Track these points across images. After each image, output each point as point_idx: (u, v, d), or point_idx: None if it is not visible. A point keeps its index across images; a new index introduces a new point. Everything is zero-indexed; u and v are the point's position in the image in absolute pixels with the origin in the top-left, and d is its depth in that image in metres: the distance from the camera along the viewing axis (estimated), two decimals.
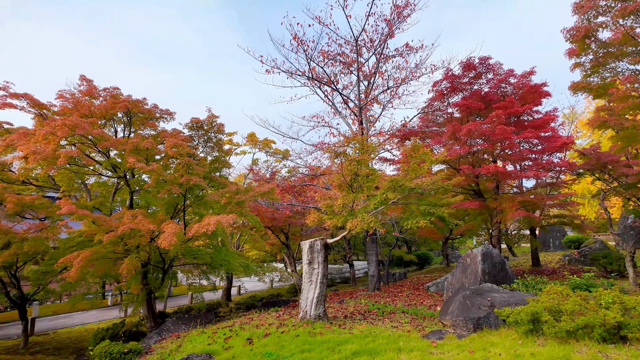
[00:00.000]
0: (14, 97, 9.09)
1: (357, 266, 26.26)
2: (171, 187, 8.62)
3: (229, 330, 7.36)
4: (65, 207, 7.52)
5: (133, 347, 7.45)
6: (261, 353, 5.74)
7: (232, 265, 10.40)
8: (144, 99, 10.47)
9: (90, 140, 8.62)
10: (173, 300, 20.74)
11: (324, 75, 13.62)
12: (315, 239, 7.94)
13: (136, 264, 8.23)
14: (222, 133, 11.42)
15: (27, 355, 10.80)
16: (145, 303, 10.46)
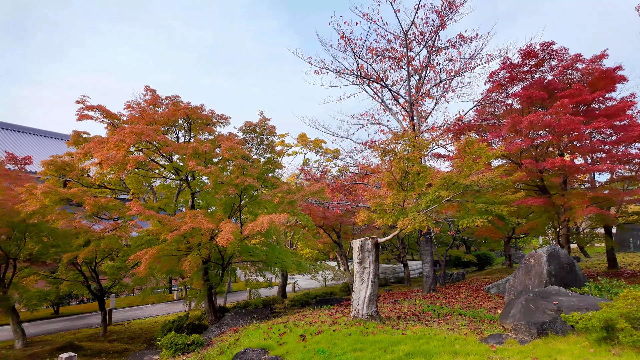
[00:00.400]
0: (89, 109, 10.12)
1: (411, 266, 25.66)
2: (228, 188, 9.06)
3: (283, 327, 7.58)
4: (134, 208, 8.21)
5: (195, 339, 7.95)
6: (314, 350, 5.84)
7: (286, 262, 10.68)
8: (201, 106, 11.10)
9: (155, 145, 9.32)
10: (233, 296, 21.74)
11: (373, 72, 13.48)
12: (365, 237, 7.90)
13: (197, 261, 8.76)
14: (274, 135, 11.77)
15: (105, 343, 11.93)
16: (207, 298, 11.09)
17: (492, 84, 13.70)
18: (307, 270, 11.52)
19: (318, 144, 19.57)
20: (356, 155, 14.61)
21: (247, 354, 5.85)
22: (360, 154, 14.04)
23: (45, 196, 8.80)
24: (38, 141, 28.42)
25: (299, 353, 5.81)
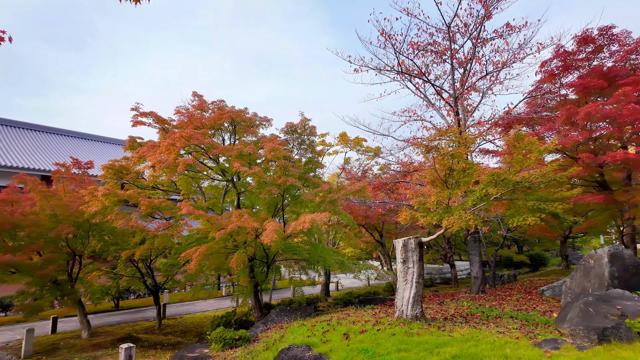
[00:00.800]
0: (143, 115, 10.80)
1: (458, 266, 24.81)
2: (271, 188, 9.29)
3: (326, 324, 7.64)
4: (185, 208, 8.65)
5: (243, 334, 8.23)
6: (357, 349, 5.84)
7: (328, 261, 10.75)
8: (245, 109, 11.46)
9: (203, 148, 9.76)
10: (277, 293, 22.23)
11: (414, 68, 13.19)
12: (408, 237, 7.76)
13: (244, 259, 9.05)
14: (315, 135, 11.89)
15: (160, 336, 12.66)
16: (253, 294, 11.44)
17: (544, 74, 12.91)
18: (349, 269, 11.52)
19: (358, 143, 19.48)
20: (398, 153, 14.40)
21: (292, 351, 5.97)
22: (402, 151, 13.82)
23: (106, 198, 9.52)
24: (97, 147, 30.73)
25: (342, 351, 5.83)
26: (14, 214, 10.47)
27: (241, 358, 7.11)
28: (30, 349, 9.92)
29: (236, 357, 7.24)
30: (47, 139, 27.97)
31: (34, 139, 26.81)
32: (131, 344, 6.84)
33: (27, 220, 10.41)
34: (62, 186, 11.71)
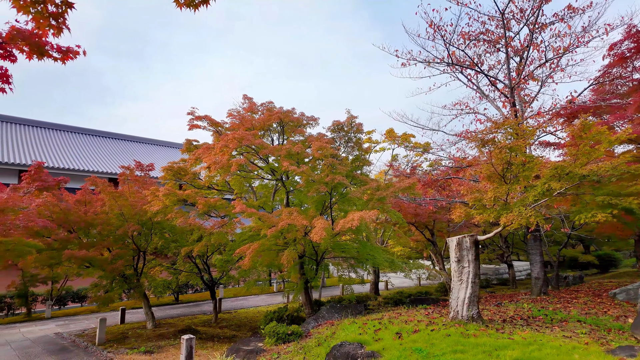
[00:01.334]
0: (198, 119, 11.38)
1: (517, 267, 23.44)
2: (319, 187, 9.38)
3: (378, 323, 7.58)
4: (238, 207, 8.99)
5: (295, 329, 8.40)
6: (411, 348, 5.73)
7: (378, 259, 10.64)
8: (292, 109, 11.68)
9: (253, 149, 10.09)
10: (326, 291, 22.41)
11: (466, 59, 12.64)
12: (463, 235, 7.47)
13: (294, 256, 9.23)
14: (361, 132, 11.81)
15: (217, 329, 13.27)
16: (303, 291, 11.63)
17: (613, 57, 11.79)
18: (400, 268, 11.32)
19: (406, 139, 19.06)
20: (449, 147, 13.89)
21: (344, 347, 6.00)
22: (454, 146, 13.28)
23: (166, 197, 10.16)
24: (156, 150, 32.87)
25: (395, 350, 5.75)
26: (87, 213, 11.51)
27: (294, 353, 7.26)
28: (103, 336, 10.84)
29: (289, 352, 7.41)
30: (113, 144, 30.41)
31: (102, 145, 29.28)
32: (191, 335, 7.24)
33: (99, 219, 11.39)
34: (127, 187, 12.67)
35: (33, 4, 2.59)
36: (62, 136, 28.15)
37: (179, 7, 3.07)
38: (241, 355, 7.83)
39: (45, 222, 8.12)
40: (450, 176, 13.16)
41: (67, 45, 3.25)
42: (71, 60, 3.27)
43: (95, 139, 30.18)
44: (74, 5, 2.84)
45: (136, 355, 9.22)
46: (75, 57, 3.27)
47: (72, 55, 3.29)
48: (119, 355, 9.30)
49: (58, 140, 27.06)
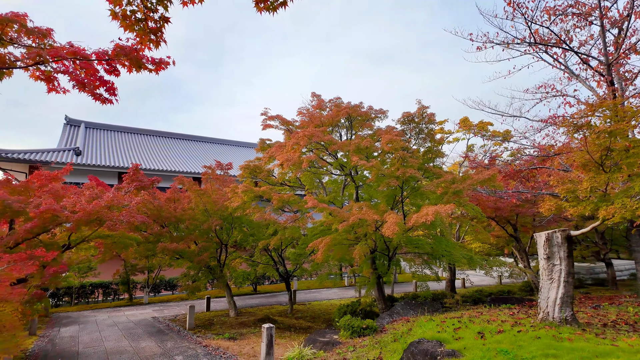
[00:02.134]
0: (270, 119, 11.87)
1: (617, 266, 20.75)
2: (389, 181, 9.22)
3: (457, 321, 7.26)
4: (310, 202, 9.22)
5: (369, 324, 8.40)
6: (495, 349, 5.40)
7: (454, 256, 10.17)
8: (360, 103, 11.61)
9: (323, 145, 10.25)
10: (398, 287, 22.02)
11: (551, 36, 11.42)
12: (553, 230, 6.81)
13: (365, 250, 9.22)
14: (433, 123, 11.33)
15: (292, 319, 13.78)
16: (376, 286, 11.56)
17: None
18: (479, 264, 10.70)
19: (483, 127, 17.88)
20: (533, 135, 12.70)
21: (422, 345, 5.85)
22: (539, 133, 12.12)
23: (245, 194, 10.78)
24: (233, 150, 35.00)
25: (478, 350, 5.46)
26: (176, 209, 12.66)
27: (370, 347, 7.27)
28: (193, 322, 11.87)
29: (365, 346, 7.43)
30: (195, 146, 33.05)
31: (185, 147, 31.99)
32: (271, 325, 7.61)
33: (186, 215, 12.48)
34: (209, 185, 13.69)
35: (137, 22, 2.94)
36: (152, 140, 31.33)
37: (259, 11, 3.23)
38: (318, 346, 8.04)
39: (143, 217, 9.14)
40: (535, 166, 12.04)
41: (159, 57, 3.62)
42: (163, 70, 3.65)
43: (180, 142, 33.08)
44: (169, 20, 3.16)
45: (221, 341, 9.95)
46: (166, 67, 3.63)
47: (163, 65, 3.67)
48: (207, 340, 10.11)
49: (149, 144, 30.16)
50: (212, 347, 9.35)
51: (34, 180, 8.21)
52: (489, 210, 13.01)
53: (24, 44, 3.52)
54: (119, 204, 7.97)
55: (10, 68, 3.41)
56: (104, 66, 3.68)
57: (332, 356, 7.28)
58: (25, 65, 3.51)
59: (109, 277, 18.68)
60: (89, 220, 7.39)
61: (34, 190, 7.86)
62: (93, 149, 25.57)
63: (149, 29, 3.05)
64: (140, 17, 2.94)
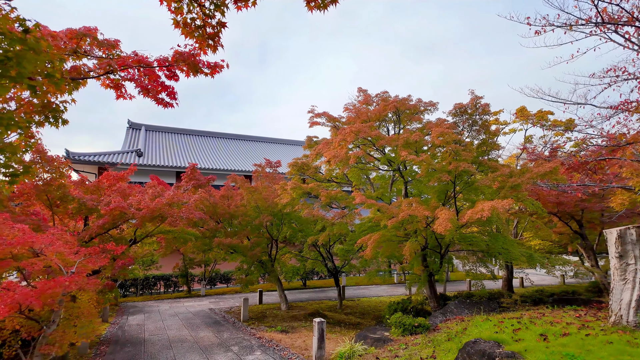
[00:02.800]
0: (317, 116, 11.98)
1: None
2: (440, 175, 8.94)
3: (516, 322, 6.90)
4: (358, 198, 9.19)
5: (422, 322, 8.23)
6: (560, 353, 5.07)
7: (512, 254, 9.64)
8: (408, 96, 11.34)
9: (370, 141, 10.15)
10: (450, 285, 21.33)
11: (622, 14, 10.35)
12: (626, 227, 6.23)
13: (416, 247, 9.03)
14: (488, 114, 10.79)
15: (342, 315, 13.85)
16: (427, 284, 11.29)
17: None
18: (540, 263, 10.04)
19: (543, 117, 16.69)
20: (601, 123, 11.56)
21: (479, 345, 5.63)
22: (608, 120, 11.04)
23: (293, 190, 11.00)
24: (281, 148, 35.78)
25: (540, 353, 5.16)
26: (230, 206, 13.21)
27: (422, 345, 7.12)
28: (247, 314, 12.35)
29: (417, 344, 7.30)
30: (245, 145, 34.21)
31: (236, 146, 33.22)
32: (322, 319, 7.71)
33: (239, 211, 12.98)
34: (260, 183, 14.12)
35: (196, 29, 3.12)
36: (205, 141, 32.90)
37: (310, 10, 3.28)
38: (369, 343, 8.03)
39: (200, 214, 9.68)
40: (604, 157, 11.03)
41: (214, 61, 3.82)
42: (217, 73, 3.83)
43: (231, 141, 34.44)
44: (226, 25, 3.31)
45: (274, 334, 10.25)
46: (220, 71, 3.81)
47: (218, 69, 3.85)
48: (260, 332, 10.47)
49: (203, 145, 31.70)
50: (266, 339, 9.67)
51: (103, 180, 8.98)
52: (551, 205, 12.16)
53: (95, 55, 3.88)
54: (178, 201, 8.49)
55: (85, 78, 3.79)
56: (164, 72, 3.95)
57: (383, 353, 7.24)
58: (97, 75, 3.88)
59: (169, 270, 19.96)
60: (153, 216, 7.96)
61: (104, 189, 8.61)
62: (153, 150, 27.38)
63: (207, 34, 3.22)
64: (199, 24, 3.11)
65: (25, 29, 1.88)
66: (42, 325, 5.65)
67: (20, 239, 5.29)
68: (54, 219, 7.82)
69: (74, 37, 3.64)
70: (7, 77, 1.66)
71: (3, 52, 1.63)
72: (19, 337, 5.73)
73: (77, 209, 7.67)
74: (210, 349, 8.85)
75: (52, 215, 7.76)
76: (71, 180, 8.17)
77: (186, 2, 2.93)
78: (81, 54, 3.76)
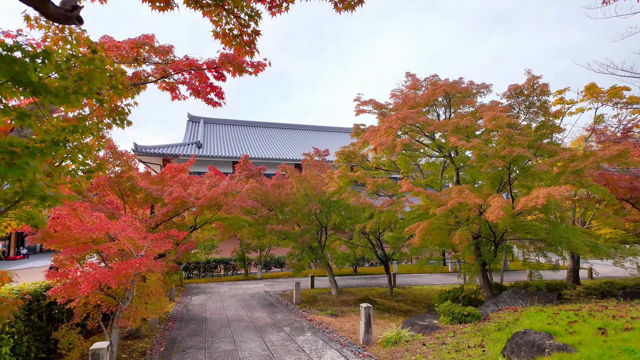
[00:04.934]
0: (363, 104, 11.95)
1: None
2: (493, 161, 8.58)
3: (573, 314, 6.56)
4: (405, 186, 9.15)
5: (471, 311, 8.09)
6: (619, 347, 4.79)
7: (574, 243, 9.04)
8: (460, 79, 10.91)
9: (418, 127, 9.98)
10: (509, 275, 20.40)
11: None
12: None
13: (467, 236, 8.82)
14: (547, 94, 10.05)
15: (392, 302, 13.92)
16: (480, 273, 10.96)
17: None
18: (605, 253, 9.30)
19: (616, 93, 15.10)
20: None
21: (528, 335, 5.47)
22: None
23: (340, 179, 11.17)
24: (331, 136, 35.98)
25: (595, 347, 4.92)
26: (281, 194, 13.73)
27: (471, 334, 7.05)
28: (299, 297, 12.88)
29: (465, 332, 7.23)
30: (296, 134, 34.92)
31: (288, 135, 34.03)
32: (369, 305, 7.89)
33: (289, 199, 13.46)
34: (309, 172, 14.47)
35: (234, 38, 3.38)
36: (259, 131, 34.08)
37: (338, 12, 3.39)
38: (416, 329, 8.08)
39: (253, 202, 10.23)
40: None
41: (257, 61, 4.07)
42: (260, 72, 4.07)
43: (282, 131, 35.36)
44: (260, 32, 3.53)
45: (324, 317, 10.63)
46: (263, 69, 4.05)
47: (261, 67, 4.09)
48: (311, 315, 10.91)
49: (256, 135, 32.88)
50: (316, 321, 10.07)
51: (166, 172, 9.81)
52: (622, 190, 11.15)
53: (152, 61, 4.31)
54: (232, 190, 9.06)
55: (144, 83, 4.25)
56: (212, 74, 4.28)
57: (430, 340, 7.27)
58: (155, 80, 4.32)
59: (228, 254, 21.25)
60: (210, 205, 8.59)
61: (167, 180, 9.43)
62: (211, 141, 28.96)
63: (244, 42, 3.45)
64: (237, 34, 3.35)
65: (93, 49, 2.21)
66: (118, 301, 6.44)
67: (97, 225, 6.05)
68: (125, 207, 8.76)
69: (134, 46, 4.09)
70: (80, 93, 2.00)
71: (77, 73, 1.97)
72: (100, 311, 6.57)
73: (144, 199, 8.50)
74: (264, 328, 9.43)
75: (124, 204, 8.69)
76: (138, 172, 9.06)
77: (224, 14, 3.17)
78: (140, 61, 4.20)
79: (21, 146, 2.05)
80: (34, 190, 2.38)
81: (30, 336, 5.97)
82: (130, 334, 8.32)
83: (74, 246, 6.10)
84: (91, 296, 6.35)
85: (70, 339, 6.12)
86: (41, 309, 6.45)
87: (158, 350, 7.68)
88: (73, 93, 1.94)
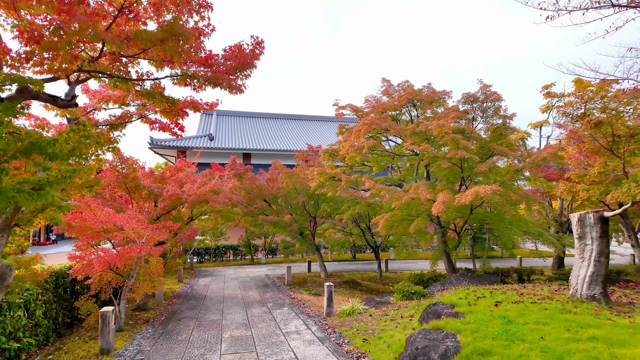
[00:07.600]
0: (342, 108, 13.31)
1: None
2: (440, 162, 9.88)
3: (489, 293, 7.92)
4: (367, 183, 10.59)
5: (418, 290, 9.55)
6: (497, 316, 6.18)
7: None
8: (424, 87, 12.08)
9: (383, 131, 11.31)
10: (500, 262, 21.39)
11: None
12: (586, 211, 6.86)
13: (420, 226, 10.20)
14: (500, 100, 11.16)
15: (379, 285, 15.42)
16: (445, 258, 12.32)
17: None
18: (547, 241, 10.45)
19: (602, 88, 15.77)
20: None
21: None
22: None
23: (320, 175, 12.68)
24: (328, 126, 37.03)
25: (480, 314, 6.31)
26: (273, 188, 15.35)
27: (411, 307, 8.54)
28: (290, 280, 14.57)
29: (407, 307, 8.72)
30: (307, 125, 36.18)
31: (299, 126, 35.32)
32: (331, 283, 9.39)
33: (280, 192, 15.07)
34: (299, 167, 16.02)
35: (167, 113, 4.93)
36: (270, 123, 35.56)
37: None
38: (372, 305, 9.61)
39: (238, 197, 11.91)
40: None
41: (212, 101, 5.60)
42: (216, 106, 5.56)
43: (294, 122, 36.76)
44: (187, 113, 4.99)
45: (307, 295, 12.27)
46: (217, 105, 5.53)
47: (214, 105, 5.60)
48: (296, 294, 12.56)
49: (267, 127, 34.33)
50: (298, 299, 11.73)
51: (167, 171, 11.58)
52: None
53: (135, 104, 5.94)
54: (219, 188, 10.73)
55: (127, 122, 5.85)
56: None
57: (377, 312, 8.81)
58: (137, 119, 5.96)
59: (236, 240, 23.20)
60: (199, 200, 10.30)
61: (167, 179, 11.18)
62: (223, 133, 30.70)
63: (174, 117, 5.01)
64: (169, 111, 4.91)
65: (83, 124, 3.83)
66: (125, 278, 8.23)
67: (107, 218, 7.82)
68: (132, 202, 10.57)
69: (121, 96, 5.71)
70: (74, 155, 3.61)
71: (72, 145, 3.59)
72: (110, 286, 8.39)
73: (148, 194, 10.27)
74: (252, 304, 11.16)
75: (131, 199, 10.50)
76: (143, 172, 10.82)
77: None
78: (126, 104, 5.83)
79: (44, 181, 3.70)
80: (54, 203, 4.04)
81: (57, 305, 7.82)
82: (139, 307, 10.19)
83: (89, 234, 7.90)
84: (103, 274, 8.15)
85: (88, 307, 7.93)
86: (66, 284, 8.31)
87: (159, 319, 9.51)
88: (69, 156, 3.54)
